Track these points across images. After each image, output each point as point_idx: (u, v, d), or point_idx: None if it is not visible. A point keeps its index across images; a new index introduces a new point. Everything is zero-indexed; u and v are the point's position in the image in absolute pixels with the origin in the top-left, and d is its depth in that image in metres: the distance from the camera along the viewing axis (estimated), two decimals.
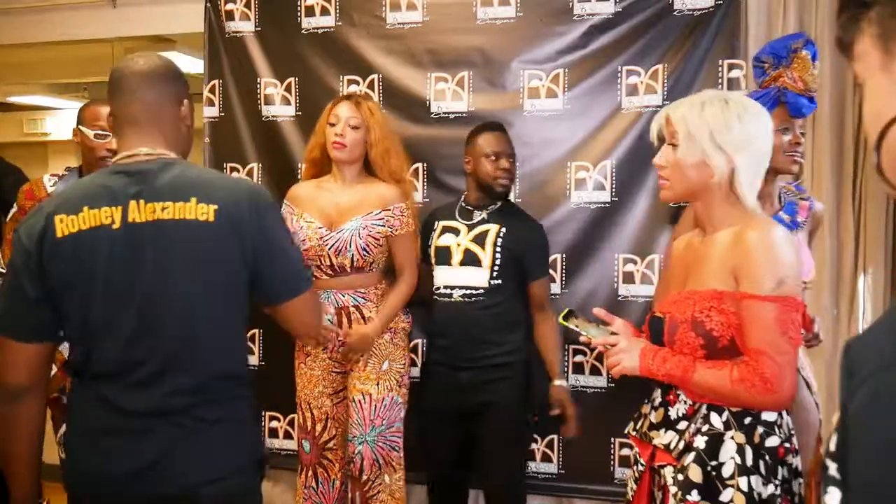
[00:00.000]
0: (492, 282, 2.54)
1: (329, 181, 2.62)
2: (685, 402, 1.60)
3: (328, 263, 2.54)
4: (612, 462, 2.91)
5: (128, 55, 1.83)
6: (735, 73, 2.71)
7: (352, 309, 2.56)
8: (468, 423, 2.59)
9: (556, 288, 2.90)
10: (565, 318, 1.75)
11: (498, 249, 2.55)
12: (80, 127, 2.58)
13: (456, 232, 2.61)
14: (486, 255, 2.54)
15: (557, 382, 2.61)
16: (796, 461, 1.59)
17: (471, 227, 2.60)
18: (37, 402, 1.59)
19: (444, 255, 2.60)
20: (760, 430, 1.54)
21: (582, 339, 1.75)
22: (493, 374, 2.54)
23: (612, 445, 2.91)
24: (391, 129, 2.64)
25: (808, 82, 2.09)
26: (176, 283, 1.51)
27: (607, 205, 2.86)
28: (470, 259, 2.55)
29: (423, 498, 2.91)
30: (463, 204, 2.68)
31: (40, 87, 6.40)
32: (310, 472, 2.66)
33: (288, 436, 3.23)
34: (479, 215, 2.62)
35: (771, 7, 2.73)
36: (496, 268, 2.54)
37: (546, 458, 2.98)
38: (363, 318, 2.56)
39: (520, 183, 2.92)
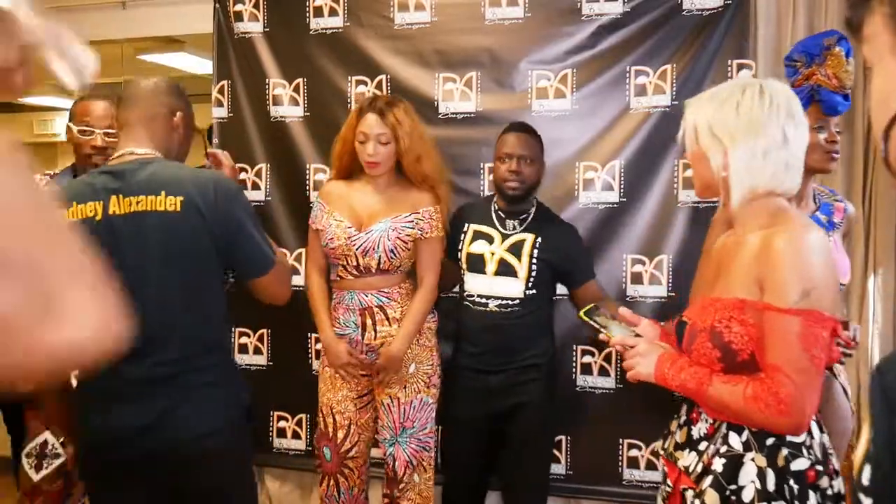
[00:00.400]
0: (527, 292, 2.51)
1: (362, 182, 2.57)
2: (706, 421, 1.52)
3: (354, 264, 2.50)
4: (620, 463, 2.90)
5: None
6: (744, 73, 2.69)
7: (375, 309, 2.52)
8: (497, 425, 2.57)
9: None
10: (587, 313, 1.68)
11: (534, 261, 2.51)
12: (69, 123, 2.58)
13: (490, 239, 2.55)
14: (522, 267, 2.50)
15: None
16: (837, 484, 1.45)
17: (505, 237, 2.54)
18: None
19: (478, 263, 2.54)
20: (785, 451, 1.42)
21: (601, 336, 1.67)
22: (523, 377, 2.53)
23: (620, 446, 2.90)
24: (421, 131, 2.54)
25: (843, 79, 2.06)
26: (150, 269, 1.72)
27: (616, 205, 2.85)
28: (505, 269, 2.51)
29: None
30: (496, 209, 2.60)
31: (50, 88, 6.42)
32: (331, 482, 2.61)
33: (296, 436, 3.23)
34: (513, 224, 2.57)
35: (780, 7, 2.72)
36: (532, 278, 2.51)
37: (554, 459, 2.97)
38: (387, 318, 2.52)
39: None
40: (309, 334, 3.04)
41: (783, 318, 1.36)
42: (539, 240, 2.52)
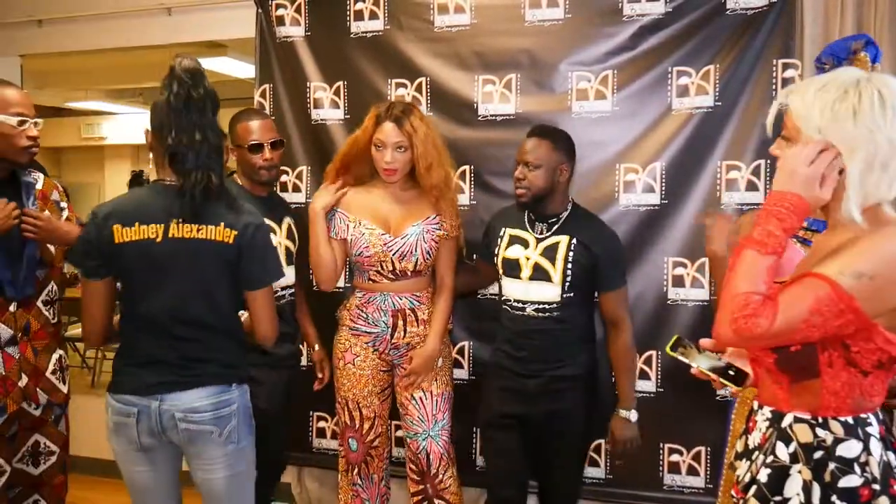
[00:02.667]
0: (564, 296, 2.46)
1: (378, 188, 2.62)
2: (760, 430, 1.48)
3: (390, 268, 2.57)
4: (661, 468, 2.87)
5: None
6: (790, 73, 2.65)
7: (408, 311, 2.61)
8: (534, 429, 2.53)
9: None
10: (672, 348, 1.61)
11: (569, 265, 2.44)
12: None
13: (525, 244, 2.52)
14: (556, 271, 2.45)
15: (621, 413, 2.49)
16: None
17: (540, 240, 2.50)
18: None
19: (513, 268, 2.52)
20: (832, 466, 1.36)
21: (693, 371, 1.60)
22: (560, 384, 2.48)
23: (661, 451, 2.87)
24: (436, 138, 2.57)
25: None
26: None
27: (657, 207, 2.82)
28: (540, 274, 2.47)
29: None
30: (529, 213, 2.57)
31: (98, 93, 6.60)
32: (356, 470, 2.72)
33: (335, 436, 3.25)
34: (542, 227, 2.52)
35: (828, 5, 2.66)
36: (567, 282, 2.45)
37: (594, 463, 2.96)
38: (416, 319, 2.61)
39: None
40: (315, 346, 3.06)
41: (816, 280, 1.31)
42: (574, 241, 2.46)
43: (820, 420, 1.40)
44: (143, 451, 1.99)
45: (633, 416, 2.50)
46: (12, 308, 2.28)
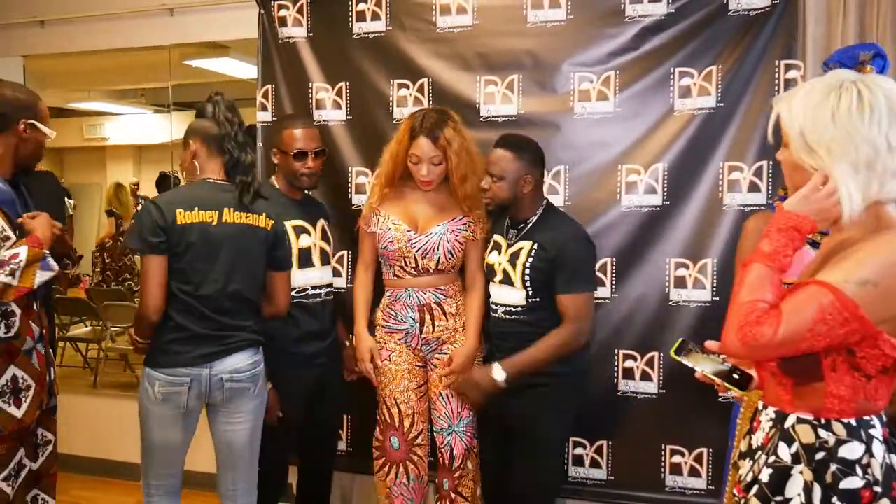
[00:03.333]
0: (529, 300, 2.49)
1: (411, 188, 2.70)
2: (763, 430, 1.48)
3: (413, 265, 2.66)
4: (662, 469, 2.87)
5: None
6: (792, 74, 2.64)
7: (433, 305, 2.67)
8: (508, 429, 2.57)
9: (605, 292, 2.87)
10: (677, 351, 1.61)
11: (527, 270, 2.46)
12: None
13: (500, 249, 2.59)
14: (517, 276, 2.48)
15: (493, 366, 2.48)
16: None
17: (509, 246, 2.56)
18: None
19: (490, 272, 2.61)
20: (834, 467, 1.36)
21: (697, 375, 1.60)
22: (528, 383, 2.47)
23: (662, 452, 2.87)
24: (469, 146, 2.64)
25: None
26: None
27: (658, 208, 2.82)
28: (506, 278, 2.53)
29: None
30: (508, 219, 2.62)
31: (100, 94, 6.58)
32: (400, 469, 2.72)
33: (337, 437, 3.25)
34: (516, 232, 2.56)
35: (830, 6, 2.66)
36: (528, 287, 2.47)
37: (595, 464, 2.96)
38: (444, 313, 2.68)
39: (569, 186, 2.90)
40: (351, 336, 3.06)
41: (820, 289, 1.30)
42: (535, 247, 2.47)
43: (822, 421, 1.40)
44: (185, 414, 2.32)
45: (500, 375, 2.44)
46: (35, 307, 2.31)
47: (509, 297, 2.52)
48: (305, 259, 2.68)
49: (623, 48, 2.81)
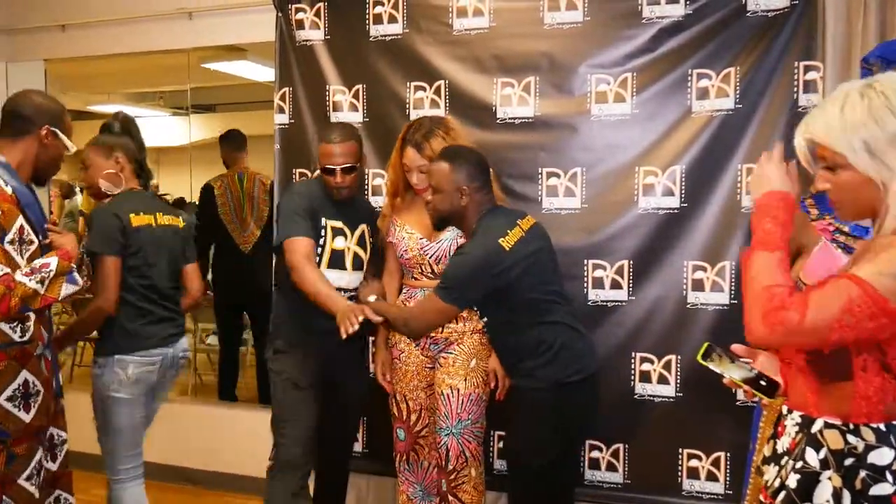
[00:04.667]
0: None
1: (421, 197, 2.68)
2: (789, 435, 1.46)
3: (429, 271, 2.70)
4: (679, 473, 2.85)
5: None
6: (812, 75, 2.62)
7: None
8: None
9: (622, 295, 2.86)
10: (703, 356, 1.58)
11: None
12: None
13: None
14: None
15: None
16: None
17: None
18: None
19: None
20: (863, 474, 1.33)
21: (725, 381, 1.57)
22: (511, 396, 2.52)
23: (680, 456, 2.85)
24: None
25: None
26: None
27: (676, 210, 2.80)
28: None
29: None
30: None
31: (119, 96, 6.65)
32: (404, 457, 2.82)
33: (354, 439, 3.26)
34: None
35: (850, 6, 2.63)
36: None
37: (611, 468, 2.94)
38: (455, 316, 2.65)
39: (586, 188, 2.89)
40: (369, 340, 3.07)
41: (848, 282, 1.29)
42: None
43: (851, 426, 1.37)
44: (148, 393, 2.61)
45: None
46: (47, 313, 2.33)
47: None
48: (337, 260, 2.66)
49: (640, 50, 2.80)
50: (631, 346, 2.87)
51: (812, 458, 1.38)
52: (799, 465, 1.39)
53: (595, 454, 2.96)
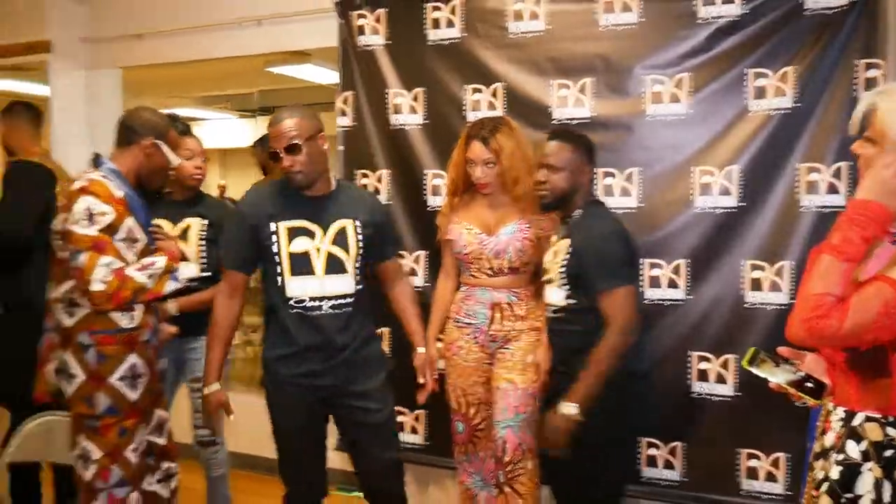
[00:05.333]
0: (568, 301, 2.53)
1: (480, 194, 2.77)
2: (834, 431, 1.49)
3: (487, 266, 2.74)
4: (738, 473, 2.84)
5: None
6: (873, 73, 2.58)
7: (504, 305, 2.74)
8: None
9: (680, 294, 2.87)
10: (749, 362, 1.59)
11: (563, 269, 2.52)
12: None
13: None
14: (556, 275, 2.56)
15: (561, 406, 2.43)
16: None
17: (554, 244, 2.64)
18: None
19: (542, 272, 2.70)
20: None
21: (771, 385, 1.59)
22: (565, 385, 2.50)
23: (738, 456, 2.84)
24: (524, 151, 2.68)
25: None
26: None
27: (734, 210, 2.80)
28: (549, 279, 2.62)
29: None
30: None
31: (190, 100, 6.91)
32: (463, 449, 2.88)
33: (414, 431, 3.36)
34: (562, 230, 2.62)
35: None
36: (566, 287, 2.53)
37: (668, 465, 2.96)
38: (514, 314, 2.73)
39: (642, 188, 2.91)
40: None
41: (884, 285, 1.32)
42: (570, 245, 2.52)
43: (891, 419, 1.41)
44: None
45: (572, 410, 2.39)
46: (153, 305, 2.57)
47: (552, 296, 2.60)
48: (299, 265, 2.47)
49: (696, 50, 2.80)
50: (688, 345, 2.88)
51: (853, 450, 1.42)
52: (841, 457, 1.43)
53: (652, 451, 2.98)
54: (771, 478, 2.81)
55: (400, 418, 3.38)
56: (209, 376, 2.47)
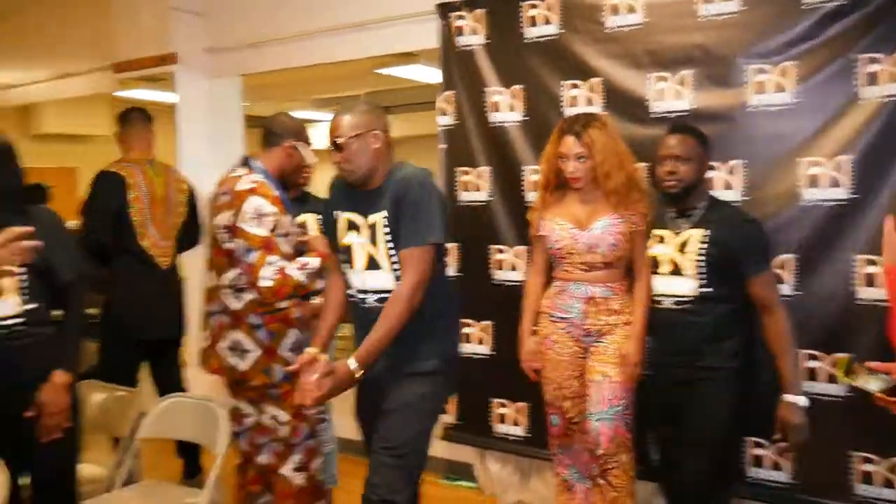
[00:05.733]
0: (702, 290, 2.55)
1: (572, 189, 2.80)
2: None
3: (580, 261, 2.75)
4: (851, 477, 2.73)
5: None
6: None
7: (600, 299, 2.75)
8: (663, 421, 2.70)
9: (787, 289, 2.77)
10: (845, 373, 1.60)
11: (702, 258, 2.55)
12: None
13: (664, 240, 2.67)
14: (688, 265, 2.57)
15: (786, 398, 2.52)
16: None
17: (676, 235, 2.64)
18: None
19: (655, 265, 2.68)
20: None
21: (874, 394, 1.58)
22: (700, 375, 2.57)
23: (851, 459, 2.73)
24: (616, 145, 2.70)
25: None
26: None
27: (844, 202, 2.68)
28: (675, 269, 2.61)
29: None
30: (667, 210, 2.70)
31: (304, 103, 7.23)
32: (559, 442, 2.92)
33: (516, 422, 3.41)
34: (681, 222, 2.65)
35: None
36: (703, 276, 2.55)
37: (776, 466, 2.87)
38: (608, 309, 2.75)
39: (746, 181, 2.83)
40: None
41: None
42: (708, 234, 2.55)
43: None
44: None
45: (802, 401, 2.50)
46: None
47: (680, 287, 2.59)
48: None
49: (801, 37, 2.70)
50: (796, 343, 2.78)
51: None
52: None
53: (759, 451, 2.90)
54: (888, 483, 2.68)
55: (502, 410, 3.45)
56: (314, 342, 2.46)
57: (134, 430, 2.84)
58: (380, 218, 2.35)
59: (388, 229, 2.34)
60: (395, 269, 2.34)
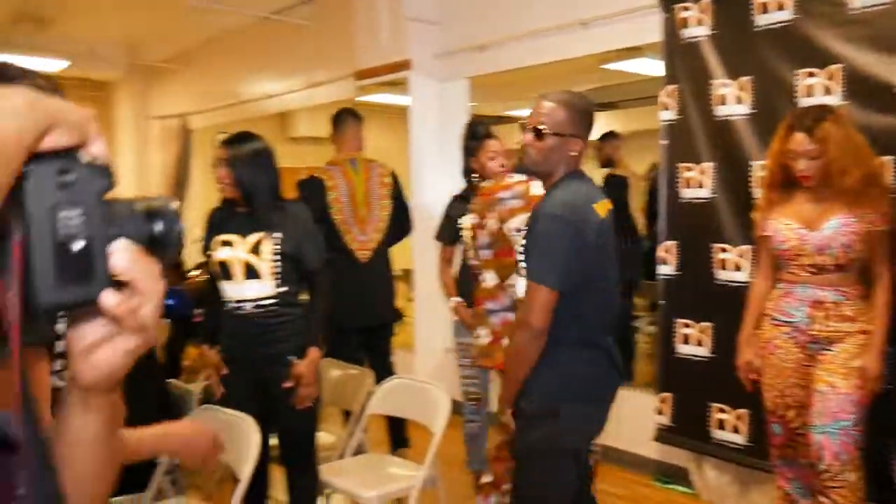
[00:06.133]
0: None
1: (800, 188, 2.64)
2: None
3: (809, 262, 2.59)
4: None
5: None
6: None
7: (830, 304, 2.57)
8: None
9: None
10: None
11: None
12: None
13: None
14: None
15: None
16: None
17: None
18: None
19: None
20: None
21: None
22: None
23: None
24: (853, 140, 2.51)
25: None
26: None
27: None
28: None
29: None
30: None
31: (529, 102, 7.34)
32: (781, 452, 2.77)
33: (735, 430, 3.27)
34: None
35: None
36: None
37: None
38: (841, 315, 2.56)
39: None
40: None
41: None
42: None
43: None
44: None
45: None
46: None
47: None
48: None
49: None
50: None
51: None
52: None
53: None
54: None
55: (721, 416, 3.32)
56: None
57: (364, 406, 3.11)
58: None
59: None
60: None
